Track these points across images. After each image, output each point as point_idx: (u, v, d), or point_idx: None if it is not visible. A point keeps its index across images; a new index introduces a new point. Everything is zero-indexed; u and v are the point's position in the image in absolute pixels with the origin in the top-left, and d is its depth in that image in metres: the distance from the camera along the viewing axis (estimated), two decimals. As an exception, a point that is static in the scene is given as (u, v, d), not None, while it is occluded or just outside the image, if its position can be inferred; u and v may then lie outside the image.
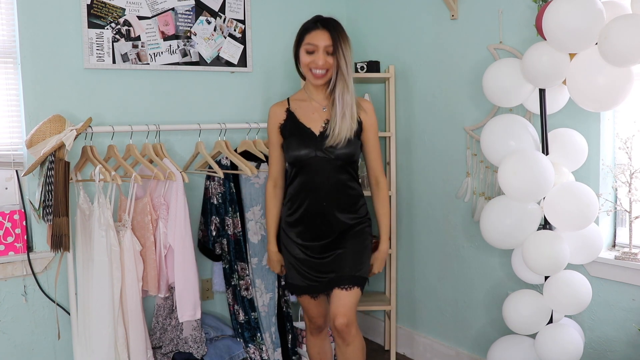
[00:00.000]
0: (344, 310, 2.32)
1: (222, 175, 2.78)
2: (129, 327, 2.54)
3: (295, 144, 2.36)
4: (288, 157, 2.40)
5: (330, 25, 2.31)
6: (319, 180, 2.34)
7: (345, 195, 2.38)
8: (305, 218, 2.39)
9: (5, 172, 2.65)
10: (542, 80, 2.25)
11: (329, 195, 2.35)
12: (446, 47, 3.00)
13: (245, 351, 2.89)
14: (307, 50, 2.31)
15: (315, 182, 2.35)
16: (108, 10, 2.75)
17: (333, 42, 2.29)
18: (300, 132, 2.37)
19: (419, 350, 3.29)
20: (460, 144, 2.97)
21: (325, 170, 2.34)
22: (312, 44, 2.29)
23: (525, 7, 2.61)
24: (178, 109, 2.98)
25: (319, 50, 2.29)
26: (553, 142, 2.40)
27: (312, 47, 2.30)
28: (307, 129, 2.37)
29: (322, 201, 2.36)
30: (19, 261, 2.60)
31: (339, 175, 2.36)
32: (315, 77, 2.33)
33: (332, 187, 2.35)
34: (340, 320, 2.31)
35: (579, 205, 2.22)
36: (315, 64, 2.30)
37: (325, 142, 2.32)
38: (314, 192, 2.36)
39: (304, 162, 2.35)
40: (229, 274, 2.91)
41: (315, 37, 2.30)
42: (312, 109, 2.41)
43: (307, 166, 2.35)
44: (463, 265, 3.02)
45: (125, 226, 2.53)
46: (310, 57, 2.31)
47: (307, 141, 2.35)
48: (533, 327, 2.39)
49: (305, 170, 2.36)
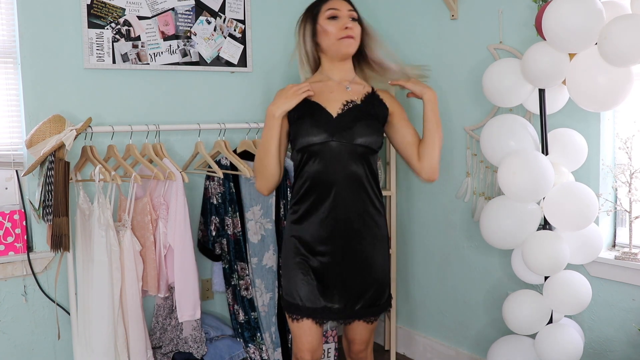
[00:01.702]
0: (367, 337, 2.12)
1: (221, 176, 2.78)
2: (129, 327, 2.54)
3: (308, 127, 2.03)
4: (297, 144, 2.07)
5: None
6: (332, 172, 2.02)
7: (364, 193, 2.05)
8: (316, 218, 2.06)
9: (5, 172, 2.65)
10: (542, 80, 2.25)
11: (344, 193, 2.02)
12: (446, 47, 3.00)
13: (245, 351, 2.89)
14: (330, 15, 2.05)
15: (328, 174, 2.02)
16: (108, 10, 2.76)
17: (354, 8, 2.10)
18: (314, 111, 2.06)
19: (419, 350, 3.29)
20: (460, 144, 2.97)
21: (341, 160, 2.01)
22: (334, 8, 2.05)
23: (525, 7, 2.61)
24: (178, 109, 2.98)
25: (343, 16, 2.05)
26: (553, 142, 2.40)
27: (335, 12, 2.05)
28: (322, 109, 2.05)
29: (336, 199, 2.02)
30: (19, 261, 2.60)
31: (357, 168, 2.03)
32: (347, 45, 2.05)
33: (347, 182, 2.02)
34: (358, 347, 2.13)
35: (579, 205, 2.22)
36: (345, 26, 2.04)
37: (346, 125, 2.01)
38: (327, 187, 2.02)
39: (316, 149, 2.03)
40: (229, 274, 2.91)
41: (336, 2, 2.07)
42: (330, 88, 2.11)
43: (319, 154, 2.03)
44: (463, 265, 3.02)
45: (125, 226, 2.53)
46: (335, 23, 2.04)
47: (324, 123, 2.02)
48: (533, 327, 2.39)
49: (316, 159, 2.04)
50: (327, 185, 2.02)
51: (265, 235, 2.97)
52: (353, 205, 2.04)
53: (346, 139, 2.01)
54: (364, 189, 2.05)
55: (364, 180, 2.05)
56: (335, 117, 2.04)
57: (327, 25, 2.05)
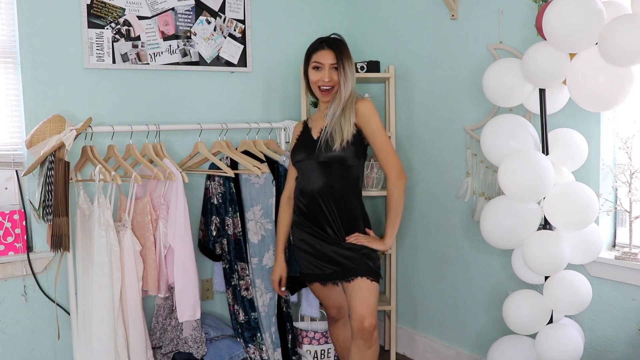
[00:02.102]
0: (369, 311, 2.37)
1: (232, 175, 2.78)
2: (129, 327, 2.54)
3: (296, 150, 2.53)
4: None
5: (334, 45, 2.46)
6: (310, 184, 2.46)
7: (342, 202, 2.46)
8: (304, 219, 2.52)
9: (5, 172, 2.65)
10: (542, 80, 2.25)
11: (320, 201, 2.44)
12: (446, 47, 2.99)
13: (245, 351, 2.89)
14: (314, 66, 2.46)
15: (307, 185, 2.47)
16: (108, 10, 2.75)
17: (337, 60, 2.44)
18: (304, 138, 2.54)
19: (419, 350, 3.29)
20: (460, 144, 2.97)
21: (314, 174, 2.45)
22: (318, 62, 2.45)
23: (525, 7, 2.61)
24: (178, 109, 2.98)
25: (325, 68, 2.44)
26: (553, 142, 2.40)
27: (318, 64, 2.45)
28: (310, 136, 2.52)
29: (315, 206, 2.46)
30: (19, 261, 2.60)
31: (329, 180, 2.43)
32: (322, 94, 2.47)
33: (321, 192, 2.44)
34: (369, 322, 2.36)
35: (579, 205, 2.22)
36: (322, 80, 2.45)
37: (317, 146, 2.44)
38: (308, 196, 2.47)
39: (300, 166, 2.50)
40: (229, 274, 2.91)
41: (321, 56, 2.45)
42: (320, 119, 2.54)
43: (302, 170, 2.50)
44: (463, 265, 3.02)
45: (125, 226, 2.53)
46: (317, 74, 2.45)
47: (306, 146, 2.49)
48: (533, 327, 2.38)
49: (300, 174, 2.52)
50: (307, 194, 2.49)
51: (266, 236, 2.97)
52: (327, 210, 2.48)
53: (317, 157, 2.43)
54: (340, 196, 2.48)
55: (340, 189, 2.47)
56: (315, 139, 2.48)
57: (311, 74, 2.48)
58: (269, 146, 3.00)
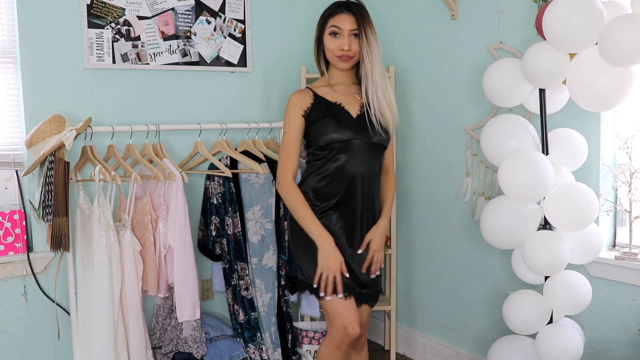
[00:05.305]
0: (365, 329, 2.42)
1: (230, 175, 2.78)
2: (128, 327, 2.54)
3: (332, 126, 2.20)
4: (322, 140, 2.22)
5: (355, 9, 2.23)
6: (354, 167, 2.22)
7: (377, 192, 2.32)
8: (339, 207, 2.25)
9: (5, 172, 2.65)
10: (542, 80, 2.25)
11: (358, 186, 2.23)
12: (446, 47, 3.00)
13: (245, 351, 2.89)
14: (331, 32, 2.21)
15: (350, 168, 2.22)
16: (108, 10, 2.75)
17: (358, 26, 2.21)
18: (336, 113, 2.23)
19: (419, 350, 3.29)
20: (460, 144, 2.97)
21: (360, 157, 2.21)
22: (337, 26, 2.20)
23: (525, 7, 2.61)
24: (178, 109, 2.98)
25: (344, 34, 2.20)
26: (553, 142, 2.40)
27: (336, 30, 2.21)
28: (344, 111, 2.24)
29: (351, 192, 2.23)
30: (19, 261, 2.60)
31: (372, 165, 2.25)
32: (341, 60, 2.22)
33: (364, 177, 2.23)
34: (364, 338, 2.42)
35: (579, 205, 2.22)
36: (341, 48, 2.20)
37: (366, 125, 2.21)
38: (345, 181, 2.22)
39: (340, 146, 2.21)
40: (229, 274, 2.91)
41: (340, 20, 2.21)
42: (344, 92, 2.29)
43: (343, 151, 2.21)
44: (463, 265, 3.02)
45: (125, 226, 2.53)
46: (335, 41, 2.21)
47: (348, 124, 2.22)
48: (533, 327, 2.39)
49: (341, 155, 2.22)
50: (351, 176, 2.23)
51: (265, 236, 2.97)
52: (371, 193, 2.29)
53: (367, 137, 2.23)
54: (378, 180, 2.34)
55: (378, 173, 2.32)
56: (355, 117, 2.24)
57: (327, 41, 2.24)
58: (269, 146, 3.00)
